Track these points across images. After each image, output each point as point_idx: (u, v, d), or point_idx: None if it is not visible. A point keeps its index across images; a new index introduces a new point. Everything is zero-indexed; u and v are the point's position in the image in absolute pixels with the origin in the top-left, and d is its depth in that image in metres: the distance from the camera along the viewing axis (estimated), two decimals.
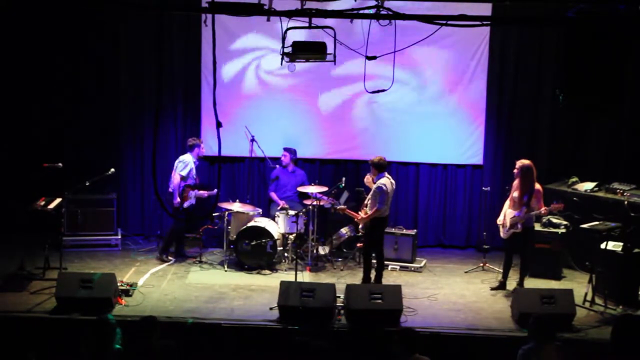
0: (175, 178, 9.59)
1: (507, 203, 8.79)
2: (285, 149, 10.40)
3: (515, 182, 8.66)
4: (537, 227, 9.45)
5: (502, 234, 8.81)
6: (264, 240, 9.38)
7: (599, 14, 6.49)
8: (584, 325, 7.67)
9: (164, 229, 10.56)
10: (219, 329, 7.47)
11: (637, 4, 6.45)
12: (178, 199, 9.57)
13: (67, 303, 7.74)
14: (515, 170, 8.66)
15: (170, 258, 9.78)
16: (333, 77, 10.42)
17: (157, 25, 10.54)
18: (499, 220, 8.82)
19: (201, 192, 9.85)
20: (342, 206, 9.41)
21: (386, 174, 8.66)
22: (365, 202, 8.75)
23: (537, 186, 8.57)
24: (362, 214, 8.68)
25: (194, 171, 9.77)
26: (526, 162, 8.62)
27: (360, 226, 8.88)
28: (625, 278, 8.30)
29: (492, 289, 8.92)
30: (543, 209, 8.41)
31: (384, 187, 8.43)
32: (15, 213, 9.30)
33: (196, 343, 7.36)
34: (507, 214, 8.70)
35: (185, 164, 9.63)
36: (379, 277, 8.72)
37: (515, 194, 8.65)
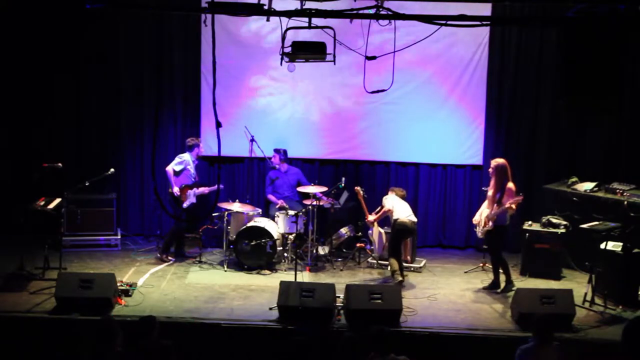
0: (169, 170, 9.64)
1: (485, 203, 8.83)
2: (274, 150, 10.38)
3: (492, 182, 8.70)
4: (537, 227, 9.46)
5: (478, 234, 8.87)
6: (263, 240, 9.38)
7: (598, 14, 6.49)
8: (583, 325, 7.65)
9: (163, 229, 10.58)
10: (218, 329, 7.46)
11: (637, 4, 6.44)
12: (176, 188, 9.59)
13: (66, 303, 7.71)
14: (490, 169, 8.73)
15: (170, 258, 9.78)
16: (333, 77, 10.41)
17: (157, 25, 10.56)
18: (475, 220, 8.88)
19: (202, 189, 9.86)
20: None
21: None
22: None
23: (510, 185, 8.57)
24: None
25: (192, 170, 9.78)
26: (500, 160, 8.69)
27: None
28: (625, 278, 8.30)
29: (484, 288, 8.91)
30: (507, 204, 8.43)
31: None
32: (15, 213, 9.28)
33: (196, 343, 7.35)
34: (483, 213, 8.76)
35: (181, 161, 9.67)
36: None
37: (490, 192, 8.70)
